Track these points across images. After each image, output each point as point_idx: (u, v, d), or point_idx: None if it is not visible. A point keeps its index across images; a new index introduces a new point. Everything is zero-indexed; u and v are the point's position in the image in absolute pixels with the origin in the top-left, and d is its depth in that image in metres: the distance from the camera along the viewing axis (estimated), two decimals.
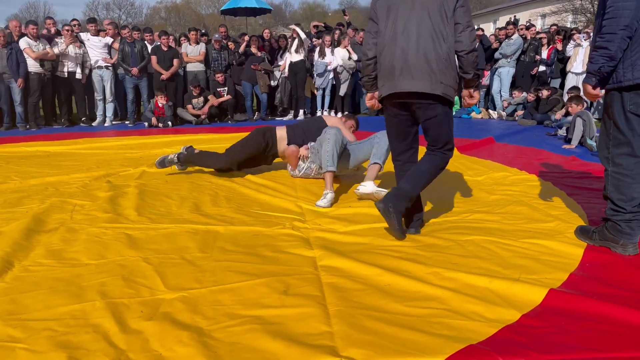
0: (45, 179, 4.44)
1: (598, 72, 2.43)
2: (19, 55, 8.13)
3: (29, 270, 2.42)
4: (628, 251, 2.53)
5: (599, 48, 2.38)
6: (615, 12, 2.30)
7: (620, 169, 2.50)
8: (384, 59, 2.73)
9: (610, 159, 2.54)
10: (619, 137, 2.48)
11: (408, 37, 2.64)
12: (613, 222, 2.56)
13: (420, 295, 2.14)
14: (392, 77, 2.71)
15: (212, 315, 1.97)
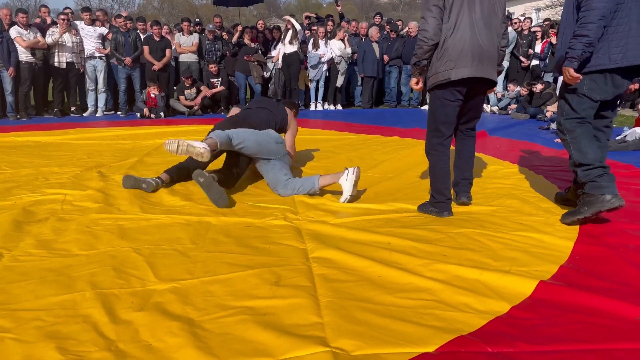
0: (35, 169, 4.41)
1: (580, 57, 2.73)
2: (10, 44, 8.03)
3: (18, 260, 2.40)
4: (613, 202, 2.72)
5: (579, 36, 2.68)
6: (592, 5, 2.62)
7: (573, 134, 2.90)
8: (460, 44, 2.88)
9: (565, 128, 2.95)
10: (570, 112, 2.93)
11: (483, 28, 2.92)
12: (590, 182, 2.79)
13: (411, 286, 2.15)
14: (469, 62, 2.89)
15: (203, 306, 1.97)
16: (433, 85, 3.02)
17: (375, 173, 4.44)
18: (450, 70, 2.90)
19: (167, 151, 3.16)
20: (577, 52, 2.71)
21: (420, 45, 2.96)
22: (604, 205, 2.72)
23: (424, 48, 2.95)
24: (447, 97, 3.01)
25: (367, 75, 10.58)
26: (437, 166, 3.16)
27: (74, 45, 8.62)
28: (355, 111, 10.34)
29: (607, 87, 2.81)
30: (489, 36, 2.95)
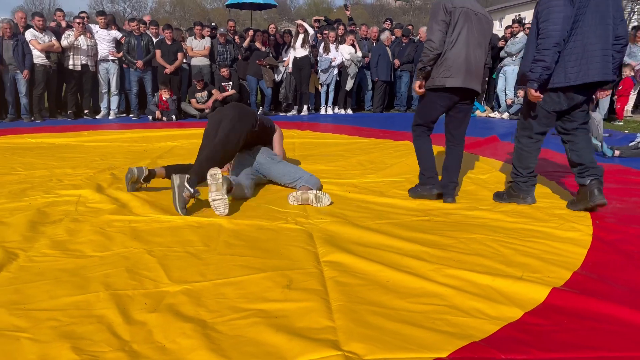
0: (49, 170, 4.46)
1: (539, 79, 3.09)
2: (25, 46, 8.14)
3: (33, 261, 2.43)
4: (528, 201, 3.48)
5: (537, 61, 3.05)
6: (548, 33, 2.98)
7: (521, 145, 3.44)
8: (457, 57, 3.31)
9: (517, 138, 3.48)
10: (524, 123, 3.39)
11: (476, 46, 3.35)
12: (515, 183, 3.48)
13: (422, 291, 2.15)
14: (462, 74, 3.33)
15: (216, 308, 1.98)
16: (428, 87, 3.46)
17: (385, 177, 4.43)
18: (447, 78, 3.33)
19: (225, 214, 3.17)
20: (536, 75, 3.08)
21: (427, 54, 3.33)
22: (520, 202, 3.49)
23: (430, 56, 3.32)
24: (438, 101, 3.50)
25: (381, 79, 10.59)
26: (422, 148, 3.70)
27: (89, 48, 8.72)
28: (366, 115, 10.35)
29: (560, 100, 3.21)
30: (480, 54, 3.38)
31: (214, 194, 3.15)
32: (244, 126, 3.74)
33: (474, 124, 8.96)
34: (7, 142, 6.08)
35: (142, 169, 3.68)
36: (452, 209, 3.44)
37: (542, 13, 3.04)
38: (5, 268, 2.33)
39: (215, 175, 3.15)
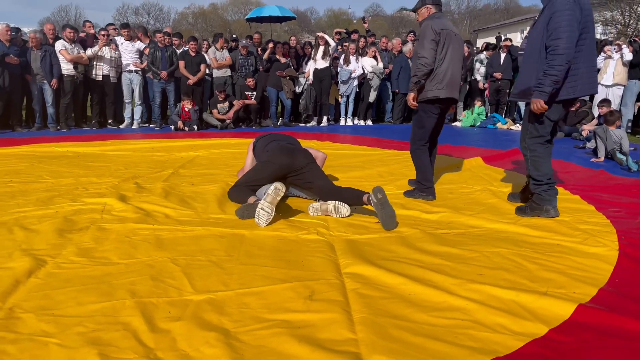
0: (75, 179, 4.56)
1: (550, 92, 3.25)
2: (53, 57, 8.36)
3: (61, 267, 2.48)
4: (551, 214, 3.48)
5: (549, 75, 3.19)
6: (562, 50, 3.13)
7: (534, 153, 3.50)
8: (446, 71, 3.81)
9: (528, 147, 3.53)
10: (535, 131, 3.47)
11: (457, 62, 3.86)
12: (537, 194, 3.51)
13: (445, 305, 2.13)
14: (450, 86, 3.83)
15: (239, 317, 2.00)
16: (422, 100, 3.89)
17: (405, 189, 4.42)
18: (440, 90, 3.81)
19: (263, 225, 3.22)
20: (548, 89, 3.23)
21: (421, 69, 3.76)
22: (544, 215, 3.49)
23: (425, 71, 3.77)
24: (432, 111, 3.96)
25: (402, 91, 10.60)
26: (424, 161, 4.11)
27: (112, 59, 8.91)
28: (385, 126, 10.35)
29: (558, 111, 3.41)
30: (459, 68, 3.91)
31: (267, 205, 3.21)
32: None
33: (495, 137, 8.99)
34: (35, 151, 6.23)
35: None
36: (474, 222, 3.41)
37: (555, 31, 3.15)
38: (34, 274, 2.38)
39: (279, 191, 3.24)
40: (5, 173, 4.78)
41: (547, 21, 3.23)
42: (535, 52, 3.34)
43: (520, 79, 3.51)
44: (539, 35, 3.31)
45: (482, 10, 56.46)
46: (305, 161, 3.76)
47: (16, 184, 4.32)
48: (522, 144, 3.62)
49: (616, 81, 9.11)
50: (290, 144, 4.09)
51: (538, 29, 3.35)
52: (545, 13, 3.29)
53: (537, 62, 3.32)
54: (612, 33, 24.87)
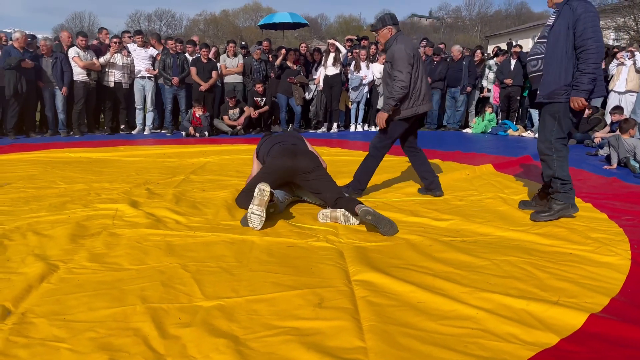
0: (88, 184, 4.61)
1: (590, 90, 3.33)
2: (64, 64, 8.48)
3: (73, 273, 2.51)
4: (575, 209, 3.61)
5: (588, 73, 3.28)
6: (597, 49, 3.26)
7: (560, 153, 3.54)
8: (421, 88, 4.14)
9: (554, 148, 3.54)
10: (559, 132, 3.51)
11: (425, 80, 4.20)
12: (562, 193, 3.56)
13: (455, 314, 2.12)
14: (426, 100, 4.19)
15: (248, 324, 2.01)
16: (400, 117, 4.12)
17: (415, 195, 4.42)
18: (419, 106, 4.14)
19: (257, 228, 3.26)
20: (588, 87, 3.31)
21: (400, 92, 3.97)
22: (569, 211, 3.59)
23: (402, 93, 3.98)
24: (405, 125, 4.21)
25: None
26: (375, 166, 4.36)
27: (124, 65, 9.02)
28: None
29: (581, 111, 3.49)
30: (427, 80, 4.28)
31: (255, 208, 3.23)
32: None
33: (506, 143, 8.94)
34: (48, 156, 6.31)
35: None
36: (484, 230, 3.40)
37: (586, 31, 3.26)
38: (47, 279, 2.41)
39: (264, 191, 3.24)
40: (19, 178, 4.85)
41: (570, 24, 3.33)
42: (558, 54, 3.41)
43: (546, 81, 3.50)
44: (562, 37, 3.37)
45: (493, 17, 56.28)
46: (310, 165, 3.74)
47: (30, 189, 4.38)
48: (544, 145, 3.59)
49: (629, 88, 9.03)
50: (292, 144, 4.07)
51: (559, 32, 3.40)
52: (563, 16, 3.38)
53: (562, 63, 3.39)
54: (624, 39, 24.67)
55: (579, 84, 3.32)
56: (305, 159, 3.78)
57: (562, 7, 3.43)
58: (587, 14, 3.28)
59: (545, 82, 3.51)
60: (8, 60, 7.91)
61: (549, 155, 3.58)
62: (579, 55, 3.33)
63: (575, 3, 3.35)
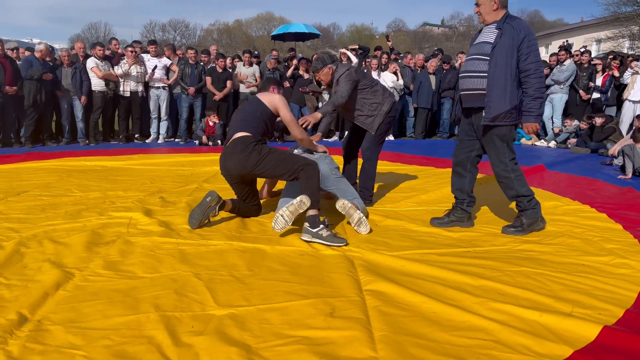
0: (103, 192, 4.67)
1: (541, 114, 3.58)
2: (83, 74, 8.63)
3: (88, 280, 2.55)
4: (544, 223, 3.62)
5: (537, 98, 3.33)
6: (542, 73, 3.33)
7: (517, 172, 3.55)
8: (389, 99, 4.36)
9: (510, 169, 3.53)
10: (510, 153, 3.52)
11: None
12: (530, 209, 3.54)
13: (467, 325, 2.12)
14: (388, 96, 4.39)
15: (260, 333, 2.02)
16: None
17: (427, 205, 4.41)
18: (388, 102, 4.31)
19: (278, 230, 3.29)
20: (540, 111, 3.43)
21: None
22: (540, 225, 3.58)
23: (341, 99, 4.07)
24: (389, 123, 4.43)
25: (420, 106, 10.60)
26: (375, 169, 4.45)
27: (139, 75, 9.15)
28: (407, 142, 10.33)
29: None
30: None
31: (287, 215, 3.26)
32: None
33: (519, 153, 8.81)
34: (64, 165, 6.41)
35: (218, 197, 3.60)
36: (497, 240, 3.38)
37: (532, 54, 3.27)
38: (63, 287, 2.45)
39: (304, 204, 3.26)
40: (35, 186, 4.93)
41: (515, 44, 3.26)
42: (502, 76, 3.30)
43: (492, 103, 3.36)
44: (507, 58, 3.28)
45: None
46: (249, 163, 3.46)
47: (46, 197, 4.45)
48: (500, 167, 3.53)
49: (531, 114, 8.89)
50: (232, 138, 3.61)
51: (503, 52, 3.29)
52: (507, 35, 3.29)
53: (507, 85, 3.30)
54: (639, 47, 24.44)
55: (531, 109, 3.33)
56: (233, 158, 3.53)
57: (504, 25, 3.33)
58: (530, 36, 3.28)
59: (491, 104, 3.37)
60: (31, 71, 8.09)
61: (508, 177, 3.52)
62: (524, 79, 3.30)
63: (517, 23, 3.31)
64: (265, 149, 3.51)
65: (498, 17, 3.40)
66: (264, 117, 3.67)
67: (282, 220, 3.27)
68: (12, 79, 8.13)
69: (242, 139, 3.52)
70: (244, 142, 3.50)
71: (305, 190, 3.35)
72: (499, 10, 3.40)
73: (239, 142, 3.52)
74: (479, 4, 3.46)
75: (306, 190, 3.34)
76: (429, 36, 53.29)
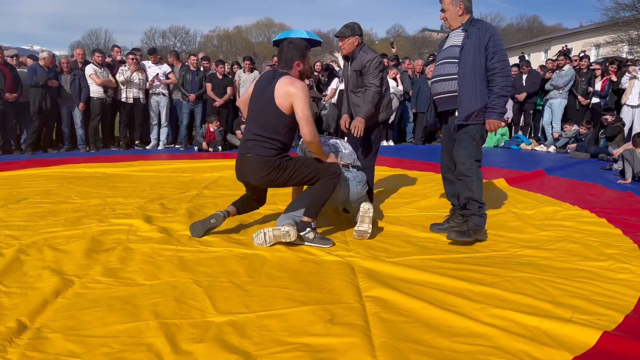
0: (103, 199, 4.67)
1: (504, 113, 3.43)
2: (82, 80, 8.66)
3: (88, 288, 2.54)
4: (486, 235, 3.53)
5: (503, 96, 3.34)
6: (508, 72, 3.38)
7: (479, 175, 3.48)
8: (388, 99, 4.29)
9: (474, 169, 3.45)
10: (475, 153, 3.47)
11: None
12: (479, 216, 3.43)
13: (467, 331, 2.11)
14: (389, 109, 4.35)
15: (260, 340, 2.02)
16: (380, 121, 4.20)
17: (427, 210, 4.42)
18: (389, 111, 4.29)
19: (257, 245, 3.28)
20: (504, 109, 3.44)
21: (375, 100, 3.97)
22: (483, 237, 3.48)
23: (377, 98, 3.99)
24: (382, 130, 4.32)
25: (419, 111, 10.63)
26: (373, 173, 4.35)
27: (140, 82, 9.17)
28: (407, 147, 10.34)
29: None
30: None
31: (269, 237, 3.25)
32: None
33: (519, 158, 8.90)
34: (64, 171, 6.42)
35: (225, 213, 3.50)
36: (497, 246, 3.38)
37: (498, 53, 3.32)
38: (62, 294, 2.44)
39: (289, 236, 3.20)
40: (35, 193, 4.93)
41: (482, 45, 3.33)
42: (472, 76, 3.36)
43: (463, 103, 3.40)
44: (475, 59, 3.34)
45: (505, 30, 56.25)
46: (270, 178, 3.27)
47: (46, 204, 4.46)
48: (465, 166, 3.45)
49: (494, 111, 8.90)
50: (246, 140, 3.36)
51: (471, 53, 3.35)
52: (473, 37, 3.35)
53: (476, 85, 3.36)
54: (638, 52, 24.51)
55: (495, 106, 3.34)
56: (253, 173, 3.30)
57: (469, 27, 3.41)
58: (495, 36, 3.34)
59: (463, 103, 3.41)
60: (36, 78, 8.13)
61: (469, 177, 3.45)
62: (491, 77, 3.35)
63: (482, 24, 3.39)
64: (286, 165, 3.27)
65: (464, 21, 3.48)
66: (280, 124, 3.23)
67: (261, 238, 3.26)
68: (12, 86, 8.16)
69: (260, 161, 3.24)
70: (264, 165, 3.23)
71: (311, 204, 3.32)
72: (464, 15, 3.47)
73: (258, 162, 3.24)
74: (445, 9, 3.51)
75: (311, 206, 3.32)
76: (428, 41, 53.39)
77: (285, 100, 3.17)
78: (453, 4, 3.47)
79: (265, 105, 3.25)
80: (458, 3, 3.45)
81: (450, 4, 3.48)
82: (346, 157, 3.67)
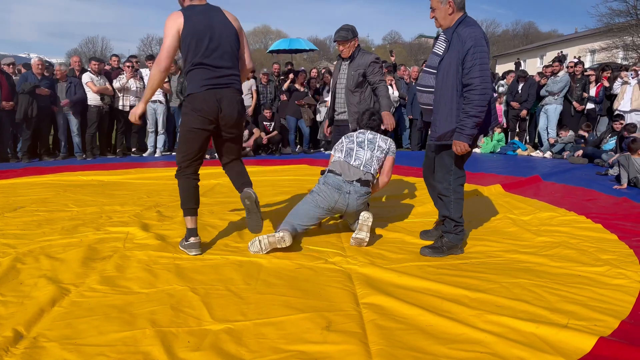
0: (99, 207, 4.67)
1: (472, 135, 3.12)
2: (77, 88, 8.66)
3: (84, 296, 2.54)
4: (461, 251, 3.38)
5: (472, 116, 3.04)
6: (485, 91, 3.01)
7: (458, 195, 3.33)
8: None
9: (452, 189, 3.32)
10: (457, 171, 3.31)
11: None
12: (454, 234, 3.34)
13: (464, 337, 2.12)
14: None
15: (256, 348, 2.02)
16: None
17: (423, 216, 4.42)
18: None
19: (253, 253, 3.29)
20: (473, 131, 3.09)
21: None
22: (458, 252, 3.35)
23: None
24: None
25: (415, 117, 10.66)
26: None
27: (138, 90, 9.19)
28: (403, 153, 10.36)
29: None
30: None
31: (265, 245, 3.26)
32: None
33: (515, 163, 8.93)
34: (61, 179, 6.41)
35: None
36: (493, 252, 3.39)
37: (477, 67, 2.99)
38: (58, 303, 2.44)
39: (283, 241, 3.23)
40: (32, 201, 4.92)
41: (460, 58, 3.05)
42: (448, 93, 3.16)
43: (438, 121, 3.24)
44: (452, 74, 3.11)
45: (500, 36, 56.64)
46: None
47: (42, 212, 4.45)
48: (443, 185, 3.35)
49: (634, 107, 8.99)
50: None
51: (449, 66, 3.13)
52: (453, 48, 3.11)
53: (452, 102, 3.14)
54: (632, 58, 24.68)
55: (463, 127, 3.07)
56: (233, 111, 3.52)
57: (452, 35, 3.14)
58: (476, 48, 2.99)
59: (437, 122, 3.26)
60: (23, 85, 8.13)
61: (447, 196, 3.33)
62: (466, 93, 3.05)
63: (464, 32, 3.06)
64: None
65: (455, 20, 3.18)
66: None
67: (257, 246, 3.27)
68: (9, 94, 8.16)
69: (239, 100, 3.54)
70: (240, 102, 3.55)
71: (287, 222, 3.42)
72: (454, 13, 3.16)
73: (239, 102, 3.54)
74: (434, 8, 3.24)
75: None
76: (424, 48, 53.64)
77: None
78: (442, 2, 3.17)
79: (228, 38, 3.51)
80: (447, 1, 3.14)
81: (439, 2, 3.19)
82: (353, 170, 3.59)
